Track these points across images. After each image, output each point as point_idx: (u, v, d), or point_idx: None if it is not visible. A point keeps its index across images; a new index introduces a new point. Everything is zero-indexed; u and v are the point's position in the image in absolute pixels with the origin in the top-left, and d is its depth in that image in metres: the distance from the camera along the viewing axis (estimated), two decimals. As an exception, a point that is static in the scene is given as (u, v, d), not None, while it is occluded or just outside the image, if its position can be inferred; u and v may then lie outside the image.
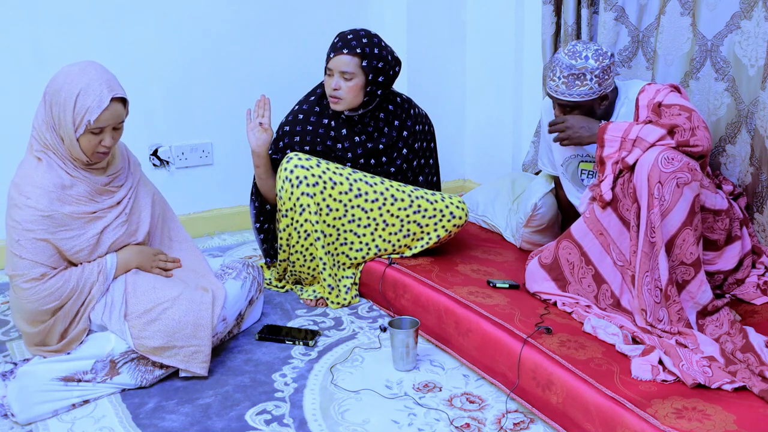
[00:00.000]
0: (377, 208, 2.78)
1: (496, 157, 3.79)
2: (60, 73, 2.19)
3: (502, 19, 3.64)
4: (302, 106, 2.90)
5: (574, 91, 2.44)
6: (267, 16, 3.56)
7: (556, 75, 2.47)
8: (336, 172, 2.76)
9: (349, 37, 2.75)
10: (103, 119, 2.16)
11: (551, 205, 2.90)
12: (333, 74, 2.75)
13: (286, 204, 2.74)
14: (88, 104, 2.14)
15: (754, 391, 1.94)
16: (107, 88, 2.16)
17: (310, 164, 2.73)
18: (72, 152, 2.20)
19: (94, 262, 2.27)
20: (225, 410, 2.18)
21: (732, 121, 2.67)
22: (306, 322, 2.73)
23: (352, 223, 2.79)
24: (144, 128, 3.37)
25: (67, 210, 2.20)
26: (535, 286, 2.54)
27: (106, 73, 2.20)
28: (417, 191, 2.84)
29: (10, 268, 2.20)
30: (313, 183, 2.71)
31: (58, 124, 2.17)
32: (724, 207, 2.42)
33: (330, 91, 2.77)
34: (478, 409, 2.19)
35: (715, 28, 2.65)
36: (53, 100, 2.17)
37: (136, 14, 3.28)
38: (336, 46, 2.75)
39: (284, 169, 2.74)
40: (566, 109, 2.51)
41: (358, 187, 2.77)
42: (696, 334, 2.20)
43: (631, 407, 1.88)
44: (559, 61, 2.47)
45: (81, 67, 2.19)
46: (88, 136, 2.17)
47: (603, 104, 2.52)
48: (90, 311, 2.25)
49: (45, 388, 2.14)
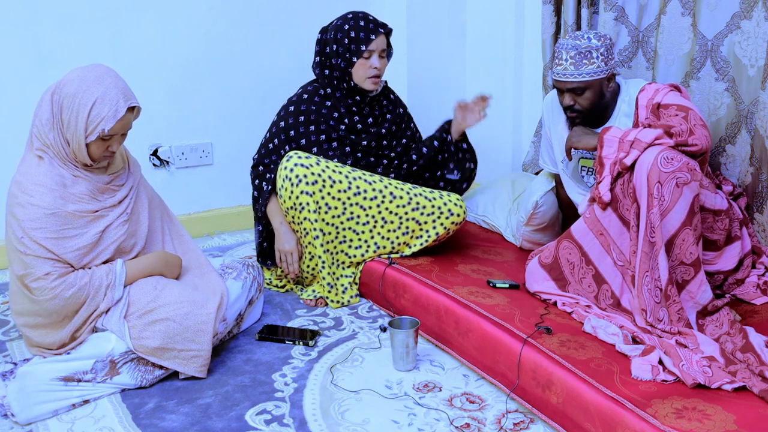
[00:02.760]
0: (376, 206, 2.79)
1: (496, 157, 3.79)
2: (73, 76, 2.18)
3: (501, 18, 3.64)
4: (306, 97, 2.93)
5: (582, 70, 2.46)
6: (266, 16, 3.56)
7: (563, 58, 2.48)
8: (335, 171, 2.76)
9: (373, 17, 2.88)
10: (116, 128, 2.18)
11: (552, 203, 2.91)
12: (372, 55, 2.84)
13: (286, 203, 2.75)
14: (103, 114, 2.15)
15: (754, 391, 1.94)
16: (123, 98, 2.18)
17: (309, 162, 2.74)
18: (78, 155, 2.20)
19: (102, 270, 2.26)
20: (225, 410, 2.18)
21: (732, 121, 2.67)
22: (306, 322, 2.73)
23: (350, 221, 2.79)
24: (144, 128, 3.35)
25: (71, 208, 2.20)
26: (535, 286, 2.54)
27: (121, 81, 2.21)
28: (415, 189, 2.85)
29: (18, 267, 2.19)
30: (312, 181, 2.71)
31: (67, 127, 2.17)
32: (723, 207, 2.42)
33: (374, 72, 2.86)
34: (478, 409, 2.19)
35: (716, 28, 2.65)
36: (65, 104, 2.16)
37: (136, 15, 3.28)
38: (373, 28, 2.85)
39: (284, 167, 2.74)
40: (577, 94, 2.51)
41: (357, 185, 2.77)
42: (696, 334, 2.20)
43: (631, 407, 1.88)
44: (564, 45, 2.50)
45: (97, 73, 2.18)
46: (97, 142, 2.19)
47: (610, 86, 2.54)
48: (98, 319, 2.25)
49: (45, 388, 2.13)
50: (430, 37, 3.80)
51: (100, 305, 2.24)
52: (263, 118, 3.65)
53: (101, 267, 2.26)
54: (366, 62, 2.83)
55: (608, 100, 2.56)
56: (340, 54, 2.84)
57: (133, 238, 2.37)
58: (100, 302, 2.24)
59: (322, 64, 2.91)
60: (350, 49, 2.82)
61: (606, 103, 2.56)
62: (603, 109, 2.56)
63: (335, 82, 2.89)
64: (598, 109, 2.55)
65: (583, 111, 2.53)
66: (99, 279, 2.23)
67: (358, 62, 2.83)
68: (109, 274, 2.25)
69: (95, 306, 2.23)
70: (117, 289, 2.26)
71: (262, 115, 3.65)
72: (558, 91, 2.57)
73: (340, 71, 2.86)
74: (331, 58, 2.86)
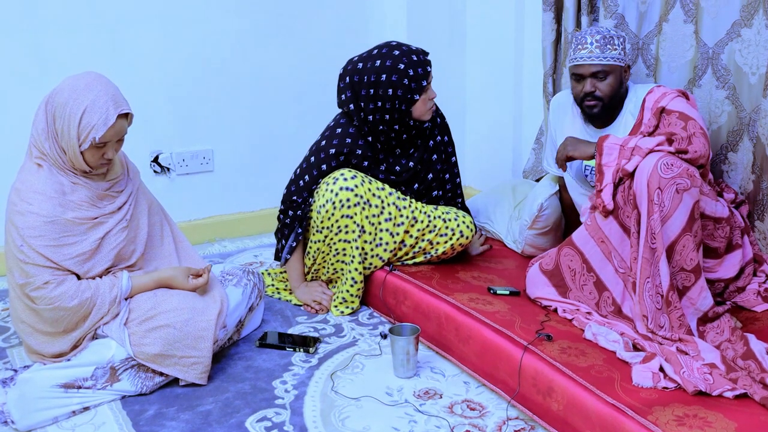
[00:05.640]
0: (403, 231, 2.79)
1: (497, 164, 3.80)
2: (64, 86, 2.19)
3: (502, 26, 3.64)
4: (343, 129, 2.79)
5: (608, 54, 2.53)
6: (267, 22, 3.57)
7: (588, 42, 2.54)
8: (375, 195, 2.74)
9: (415, 47, 2.74)
10: (108, 136, 2.17)
11: (556, 206, 2.92)
12: (429, 86, 2.72)
13: (324, 222, 2.72)
14: (94, 122, 2.14)
15: (755, 398, 1.94)
16: (113, 105, 2.17)
17: (355, 183, 2.70)
18: (75, 163, 2.21)
19: (106, 284, 2.25)
20: (225, 417, 2.17)
21: (733, 129, 2.67)
22: (306, 328, 2.72)
23: (379, 248, 2.79)
24: (145, 135, 3.37)
25: (70, 216, 2.20)
26: (536, 292, 2.54)
27: (112, 88, 2.20)
28: (436, 211, 2.84)
29: (19, 276, 2.19)
30: (354, 203, 2.69)
31: (61, 136, 2.17)
32: (724, 215, 2.42)
33: (432, 103, 2.76)
34: (479, 416, 2.19)
35: (716, 36, 2.66)
36: (57, 114, 2.16)
37: (137, 21, 3.29)
38: (424, 60, 2.71)
39: (329, 190, 2.69)
40: (599, 78, 2.55)
41: (390, 212, 2.76)
42: (697, 341, 2.20)
43: (632, 414, 1.87)
44: (588, 31, 2.58)
45: (87, 81, 2.18)
46: (92, 149, 2.18)
47: (626, 76, 2.61)
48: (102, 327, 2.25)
49: (45, 394, 2.13)
50: (431, 45, 3.77)
51: (105, 318, 2.24)
52: (264, 125, 3.67)
53: (105, 280, 2.25)
54: (426, 96, 2.71)
55: (623, 93, 2.61)
56: (399, 96, 2.66)
57: (133, 245, 2.36)
58: (104, 315, 2.24)
59: (363, 110, 2.71)
60: (411, 88, 2.67)
61: (622, 95, 2.61)
62: (619, 101, 2.60)
63: (386, 126, 2.72)
64: (615, 100, 2.59)
65: (603, 98, 2.56)
66: (103, 294, 2.23)
67: (420, 98, 2.70)
68: (113, 288, 2.25)
69: (98, 319, 2.23)
70: (121, 302, 2.26)
71: (262, 122, 3.67)
72: (576, 79, 2.59)
73: (401, 113, 2.70)
74: (386, 103, 2.67)
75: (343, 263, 2.80)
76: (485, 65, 3.80)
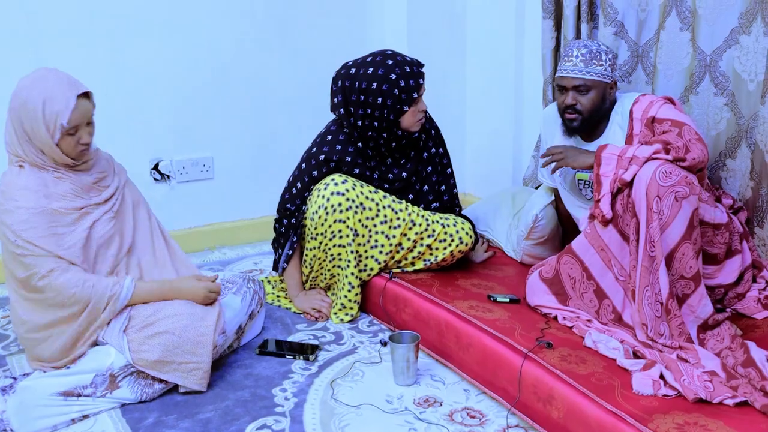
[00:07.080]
0: (400, 234, 2.79)
1: (497, 171, 3.80)
2: (19, 87, 2.24)
3: (502, 33, 3.65)
4: (333, 136, 2.81)
5: (592, 69, 2.51)
6: (267, 29, 3.58)
7: (573, 55, 2.53)
8: (369, 197, 2.75)
9: (410, 58, 2.74)
10: (75, 119, 2.20)
11: (552, 216, 2.91)
12: (420, 98, 2.72)
13: (318, 229, 2.73)
14: (56, 109, 2.18)
15: (755, 406, 1.93)
16: (70, 88, 2.21)
17: (346, 188, 2.71)
18: (55, 159, 2.24)
19: (110, 280, 2.26)
20: (225, 425, 2.17)
21: (732, 135, 2.68)
22: (306, 336, 2.72)
23: (374, 249, 2.80)
24: (145, 143, 3.38)
25: (55, 206, 2.23)
26: (536, 300, 2.54)
27: (64, 76, 2.24)
28: (434, 215, 2.85)
29: (21, 272, 2.20)
30: (346, 207, 2.70)
31: (32, 135, 2.21)
32: (723, 221, 2.42)
33: (422, 115, 2.75)
34: (479, 424, 2.18)
35: (714, 44, 2.66)
36: (22, 115, 2.20)
37: (137, 29, 3.29)
38: (417, 72, 2.71)
39: (321, 196, 2.71)
40: (581, 92, 2.53)
41: (385, 214, 2.77)
42: (697, 349, 2.20)
43: (633, 422, 1.87)
44: (575, 44, 2.56)
45: (37, 75, 2.23)
46: (65, 138, 2.21)
47: (611, 93, 2.59)
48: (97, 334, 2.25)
49: (45, 402, 2.13)
50: (431, 52, 3.80)
51: (102, 315, 2.24)
52: (264, 132, 3.68)
53: (110, 278, 2.27)
54: (416, 108, 2.71)
55: (607, 109, 2.59)
56: (389, 106, 2.66)
57: (121, 236, 2.38)
58: (101, 311, 2.23)
59: (353, 115, 2.72)
60: (401, 99, 2.67)
61: (605, 111, 2.59)
62: (601, 117, 2.59)
63: (375, 134, 2.73)
64: (597, 115, 2.57)
65: (583, 112, 2.55)
66: (103, 288, 2.23)
67: (409, 110, 2.71)
68: (115, 286, 2.25)
69: (96, 314, 2.23)
70: (120, 302, 2.26)
71: (262, 129, 3.67)
72: (560, 91, 2.59)
73: (389, 123, 2.70)
74: (375, 111, 2.68)
75: (339, 268, 2.80)
76: (485, 72, 3.81)
